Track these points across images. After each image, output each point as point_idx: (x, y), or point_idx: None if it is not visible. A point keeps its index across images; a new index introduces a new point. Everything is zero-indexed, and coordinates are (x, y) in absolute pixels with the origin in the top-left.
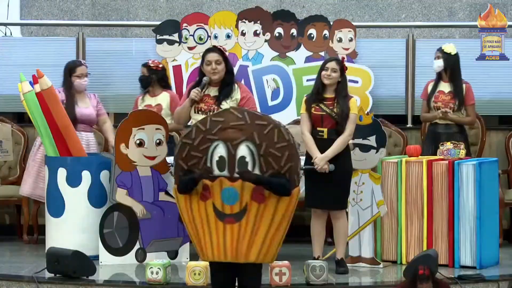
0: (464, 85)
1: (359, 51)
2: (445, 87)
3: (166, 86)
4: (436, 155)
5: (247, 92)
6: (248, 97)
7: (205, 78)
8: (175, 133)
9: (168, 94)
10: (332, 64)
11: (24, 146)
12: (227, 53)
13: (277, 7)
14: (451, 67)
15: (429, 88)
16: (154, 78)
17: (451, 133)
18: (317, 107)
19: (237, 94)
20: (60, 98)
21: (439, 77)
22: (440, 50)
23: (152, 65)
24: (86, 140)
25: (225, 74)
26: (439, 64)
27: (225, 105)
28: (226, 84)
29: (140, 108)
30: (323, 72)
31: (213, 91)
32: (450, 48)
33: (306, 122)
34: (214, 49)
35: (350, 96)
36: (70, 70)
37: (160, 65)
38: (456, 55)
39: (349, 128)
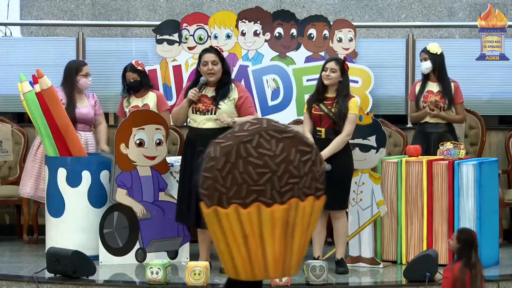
0: (452, 84)
1: (359, 51)
2: (433, 86)
3: (150, 85)
4: (426, 155)
5: (244, 92)
6: (245, 96)
7: (202, 78)
8: None
9: (155, 94)
10: (331, 65)
11: (24, 146)
12: (226, 53)
13: (277, 7)
14: (439, 67)
15: (417, 88)
16: (144, 80)
17: (440, 133)
18: (317, 107)
19: (234, 94)
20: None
21: (426, 77)
22: (426, 51)
23: (140, 68)
24: (85, 140)
25: (222, 74)
26: (427, 66)
27: (223, 105)
28: (223, 85)
29: (126, 110)
30: (323, 73)
31: (210, 92)
32: (435, 48)
33: (307, 122)
34: (210, 49)
35: (351, 96)
36: (76, 69)
37: (143, 65)
38: (442, 54)
39: (347, 128)
